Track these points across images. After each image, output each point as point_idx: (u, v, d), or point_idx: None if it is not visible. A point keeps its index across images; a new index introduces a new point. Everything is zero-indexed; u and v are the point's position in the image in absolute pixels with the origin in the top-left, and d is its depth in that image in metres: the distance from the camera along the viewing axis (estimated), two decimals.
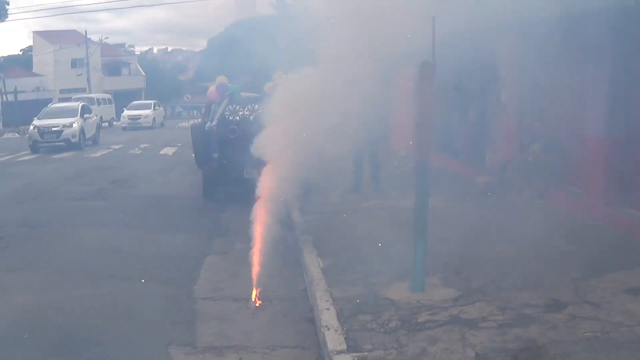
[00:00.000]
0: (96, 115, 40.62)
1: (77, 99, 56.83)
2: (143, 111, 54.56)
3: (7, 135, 49.12)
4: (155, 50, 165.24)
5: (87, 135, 34.99)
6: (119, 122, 55.96)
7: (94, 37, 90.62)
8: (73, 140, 32.72)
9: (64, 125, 32.77)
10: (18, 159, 28.77)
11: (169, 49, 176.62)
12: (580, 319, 7.32)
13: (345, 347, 6.84)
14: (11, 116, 62.97)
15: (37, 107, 39.84)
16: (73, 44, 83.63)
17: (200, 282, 9.97)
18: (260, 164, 9.52)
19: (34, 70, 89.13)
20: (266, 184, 8.99)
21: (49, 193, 18.03)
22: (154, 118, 54.76)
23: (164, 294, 9.32)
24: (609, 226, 11.34)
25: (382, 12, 9.06)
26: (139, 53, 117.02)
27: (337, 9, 9.73)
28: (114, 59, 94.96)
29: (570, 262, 9.48)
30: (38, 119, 34.08)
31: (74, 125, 33.18)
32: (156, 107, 57.49)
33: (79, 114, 34.40)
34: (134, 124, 52.58)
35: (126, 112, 54.76)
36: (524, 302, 7.88)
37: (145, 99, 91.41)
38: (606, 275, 8.79)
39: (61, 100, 74.87)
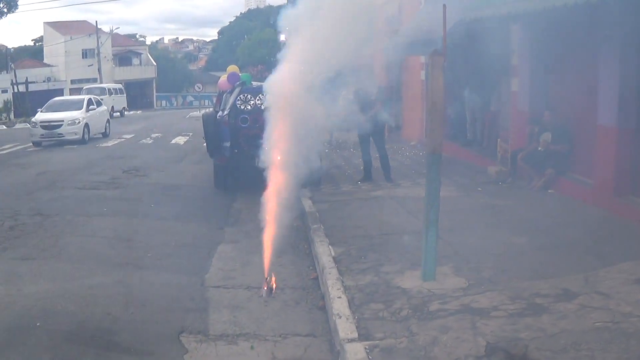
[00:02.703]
0: None
1: (88, 89, 57.05)
2: (67, 113, 31.91)
3: (18, 126, 49.07)
4: (166, 40, 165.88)
5: None
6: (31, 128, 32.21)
7: (105, 28, 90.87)
8: None
9: None
10: (30, 149, 28.83)
11: (180, 38, 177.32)
12: (591, 309, 7.32)
13: (357, 335, 6.87)
14: (22, 107, 63.08)
15: (48, 97, 39.16)
16: (84, 35, 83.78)
17: (212, 270, 9.99)
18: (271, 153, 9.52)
19: (45, 60, 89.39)
20: (277, 173, 9.00)
21: (60, 182, 18.07)
22: (86, 125, 32.01)
23: (176, 283, 9.36)
24: (619, 216, 11.33)
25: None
26: (149, 43, 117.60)
27: None
28: (125, 49, 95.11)
29: (581, 252, 9.48)
30: None
31: None
32: (91, 106, 34.21)
33: None
34: (51, 136, 30.82)
35: (39, 116, 32.07)
36: (535, 292, 7.88)
37: (156, 89, 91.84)
38: (616, 265, 8.78)
39: (72, 91, 75.22)
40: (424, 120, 21.20)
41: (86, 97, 36.40)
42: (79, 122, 31.55)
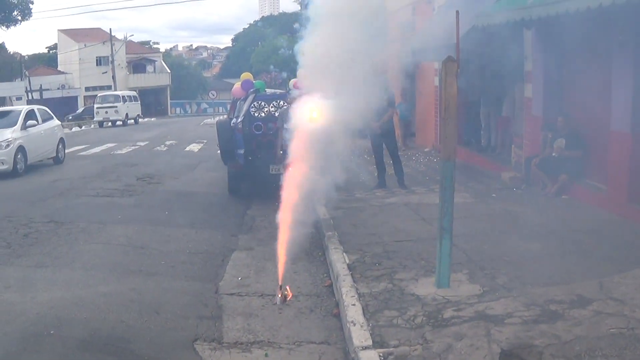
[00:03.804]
0: None
1: (102, 97, 57.31)
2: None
3: None
4: (180, 48, 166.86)
5: None
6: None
7: (119, 35, 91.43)
8: None
9: None
10: None
11: (194, 45, 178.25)
12: (605, 315, 7.29)
13: (371, 342, 6.86)
14: None
15: (62, 104, 39.13)
16: (98, 42, 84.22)
17: (226, 278, 9.99)
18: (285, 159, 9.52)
19: (59, 68, 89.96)
20: (291, 180, 8.99)
21: (75, 189, 18.11)
22: (19, 148, 21.95)
23: (190, 290, 9.36)
24: (634, 222, 11.29)
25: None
26: (163, 50, 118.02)
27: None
28: (139, 57, 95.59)
29: (595, 258, 9.45)
30: None
31: None
32: (31, 121, 23.47)
33: None
34: None
35: None
36: (549, 298, 7.86)
37: (170, 96, 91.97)
38: (631, 271, 8.74)
39: (86, 98, 75.60)
40: (438, 126, 21.21)
41: (25, 108, 25.27)
42: (9, 145, 21.42)
